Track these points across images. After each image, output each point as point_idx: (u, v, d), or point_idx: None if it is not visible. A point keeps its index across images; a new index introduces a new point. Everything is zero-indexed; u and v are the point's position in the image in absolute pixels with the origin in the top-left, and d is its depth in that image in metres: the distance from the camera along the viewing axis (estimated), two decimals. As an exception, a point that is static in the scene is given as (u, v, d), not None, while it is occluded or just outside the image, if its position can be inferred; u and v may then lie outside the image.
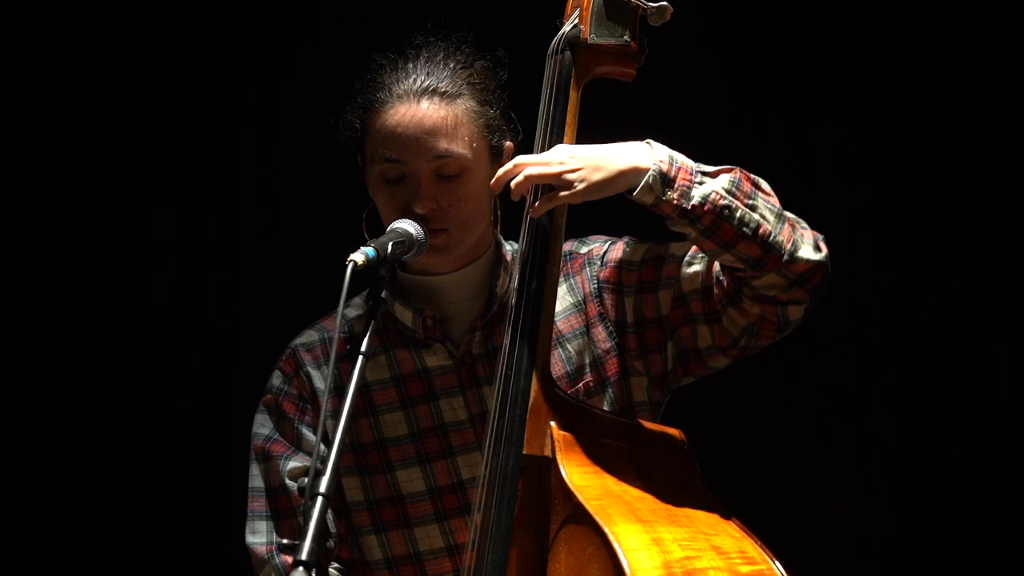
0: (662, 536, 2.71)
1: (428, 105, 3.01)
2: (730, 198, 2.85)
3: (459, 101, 3.03)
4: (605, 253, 3.10)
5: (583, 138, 2.94)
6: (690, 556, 2.69)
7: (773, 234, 2.87)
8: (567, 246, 3.13)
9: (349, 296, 2.73)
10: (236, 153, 4.60)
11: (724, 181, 2.86)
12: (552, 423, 2.83)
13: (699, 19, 4.23)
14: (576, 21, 2.97)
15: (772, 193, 2.93)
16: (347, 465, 3.09)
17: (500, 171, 2.92)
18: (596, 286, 3.09)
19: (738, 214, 2.86)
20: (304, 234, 4.53)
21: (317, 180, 4.41)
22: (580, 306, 3.09)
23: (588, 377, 3.06)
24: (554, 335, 3.04)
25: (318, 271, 3.26)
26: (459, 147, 3.01)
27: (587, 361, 3.07)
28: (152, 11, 4.54)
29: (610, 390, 3.06)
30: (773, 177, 2.94)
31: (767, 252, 2.87)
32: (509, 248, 3.12)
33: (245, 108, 4.57)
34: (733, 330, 2.97)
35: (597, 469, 2.82)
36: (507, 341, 2.89)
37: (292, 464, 3.10)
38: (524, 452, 2.82)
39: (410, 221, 2.95)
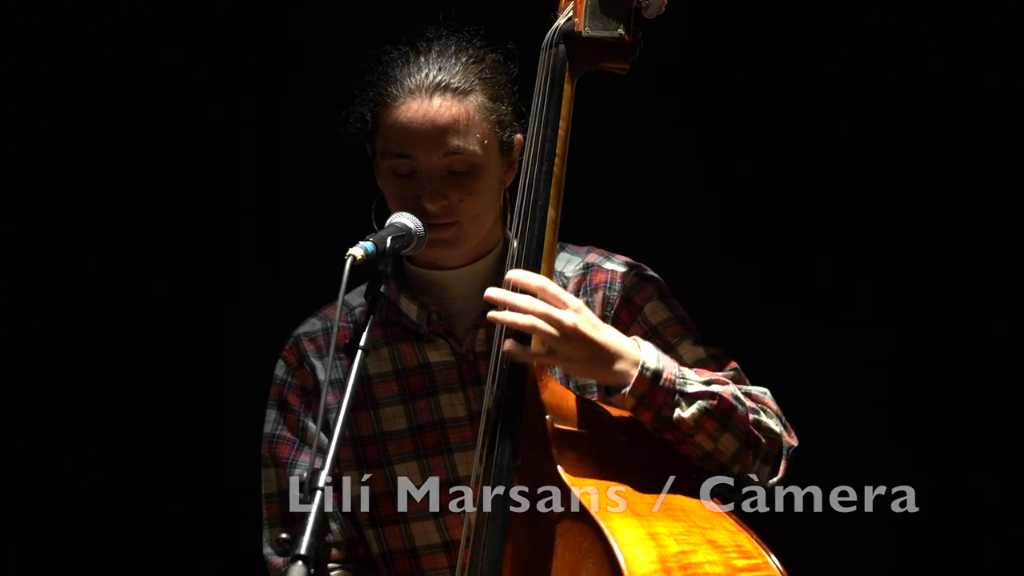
0: (658, 531, 2.70)
1: (440, 101, 3.00)
2: (694, 429, 2.81)
3: (471, 97, 3.02)
4: (632, 290, 3.07)
5: (576, 134, 2.93)
6: (686, 550, 2.69)
7: (726, 461, 2.85)
8: (591, 257, 3.12)
9: (355, 285, 2.71)
10: (237, 148, 4.60)
11: (696, 410, 2.81)
12: (548, 418, 2.82)
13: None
14: (570, 14, 2.96)
15: (753, 409, 2.87)
16: (347, 459, 3.09)
17: (499, 294, 2.83)
18: (609, 314, 3.06)
19: (698, 442, 2.82)
20: (304, 229, 4.53)
21: (320, 172, 4.41)
22: None
23: (593, 394, 3.03)
24: None
25: (319, 264, 3.25)
26: (471, 144, 3.00)
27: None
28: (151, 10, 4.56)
29: None
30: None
31: (709, 464, 2.85)
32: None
33: (246, 103, 4.57)
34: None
35: (593, 464, 2.81)
36: (500, 339, 2.87)
37: (298, 471, 3.10)
38: (520, 447, 2.81)
39: (409, 215, 2.94)
